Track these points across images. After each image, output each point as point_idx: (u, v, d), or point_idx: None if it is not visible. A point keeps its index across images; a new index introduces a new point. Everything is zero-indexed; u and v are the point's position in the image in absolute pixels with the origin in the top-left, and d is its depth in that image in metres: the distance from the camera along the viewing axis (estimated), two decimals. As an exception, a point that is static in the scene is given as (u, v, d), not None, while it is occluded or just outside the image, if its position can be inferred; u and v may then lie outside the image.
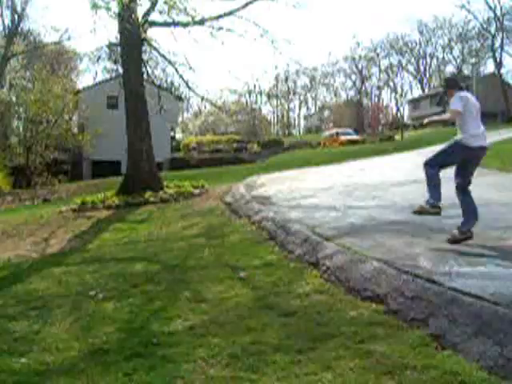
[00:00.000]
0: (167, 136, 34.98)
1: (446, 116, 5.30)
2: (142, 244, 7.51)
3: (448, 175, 5.36)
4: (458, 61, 68.01)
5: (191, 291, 4.79)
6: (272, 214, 7.45)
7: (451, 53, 69.66)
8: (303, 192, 10.02)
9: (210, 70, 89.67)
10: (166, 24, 13.62)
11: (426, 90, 71.42)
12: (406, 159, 19.01)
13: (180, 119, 59.37)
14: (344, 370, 2.89)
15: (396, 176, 12.20)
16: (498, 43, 55.14)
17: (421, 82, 74.34)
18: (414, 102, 67.29)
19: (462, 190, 5.15)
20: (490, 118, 48.91)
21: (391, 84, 75.38)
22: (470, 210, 5.01)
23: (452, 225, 5.68)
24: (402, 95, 75.52)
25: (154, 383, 3.06)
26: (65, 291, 5.36)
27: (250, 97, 74.43)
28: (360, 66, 72.26)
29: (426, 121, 5.96)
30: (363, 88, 72.77)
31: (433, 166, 5.27)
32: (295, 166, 19.85)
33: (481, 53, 61.57)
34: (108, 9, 12.19)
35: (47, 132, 28.14)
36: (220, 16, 13.55)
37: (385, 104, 69.73)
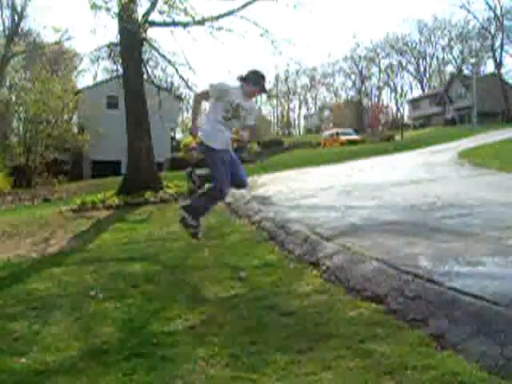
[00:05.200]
0: (167, 136, 34.99)
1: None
2: (141, 244, 7.51)
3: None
4: (458, 61, 68.15)
5: (191, 291, 4.80)
6: (272, 214, 7.46)
7: (451, 53, 69.82)
8: (303, 192, 10.03)
9: (209, 70, 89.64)
10: (165, 24, 13.64)
11: (426, 90, 71.46)
12: (406, 159, 19.04)
13: (180, 119, 59.36)
14: (344, 370, 2.89)
15: (396, 176, 12.21)
16: (498, 43, 55.23)
17: (421, 82, 74.40)
18: (414, 102, 67.33)
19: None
20: (490, 117, 49.06)
21: (391, 84, 75.45)
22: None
23: (452, 225, 5.69)
24: (402, 95, 75.66)
25: (154, 383, 3.06)
26: (65, 291, 5.36)
27: (249, 97, 74.31)
28: (360, 66, 72.34)
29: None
30: (363, 88, 72.83)
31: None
32: (295, 166, 19.87)
33: (481, 53, 61.62)
34: (108, 9, 12.22)
35: (47, 132, 28.15)
36: (220, 16, 13.56)
37: (385, 104, 69.80)
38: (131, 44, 13.18)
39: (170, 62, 14.62)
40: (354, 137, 40.48)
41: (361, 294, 4.02)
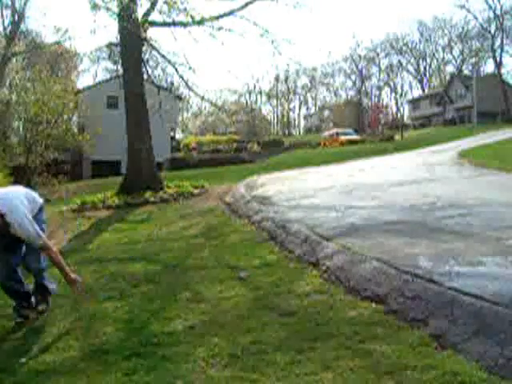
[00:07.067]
0: (167, 136, 34.98)
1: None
2: (141, 244, 7.51)
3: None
4: (458, 61, 68.16)
5: (191, 291, 4.79)
6: (272, 213, 7.46)
7: (451, 53, 69.80)
8: (303, 192, 10.02)
9: (210, 69, 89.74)
10: (165, 24, 13.63)
11: (426, 90, 71.48)
12: (406, 159, 19.04)
13: (180, 119, 59.38)
14: (344, 370, 2.89)
15: (396, 176, 12.21)
16: (498, 43, 55.22)
17: (421, 81, 74.43)
18: (414, 102, 67.33)
19: None
20: (489, 117, 49.05)
21: (391, 84, 75.45)
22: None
23: (452, 225, 5.69)
24: (402, 95, 75.69)
25: (154, 383, 3.06)
26: (65, 291, 5.35)
27: (249, 97, 74.58)
28: (360, 66, 72.34)
29: None
30: (363, 88, 72.81)
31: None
32: (295, 166, 19.88)
33: (481, 53, 61.62)
34: (108, 9, 12.21)
35: (47, 132, 28.07)
36: (220, 16, 13.56)
37: (385, 104, 69.77)
38: (131, 44, 13.18)
39: (170, 61, 14.62)
40: (354, 137, 40.51)
41: (361, 294, 4.02)
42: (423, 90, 72.56)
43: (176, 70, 14.43)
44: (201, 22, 13.23)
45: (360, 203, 7.93)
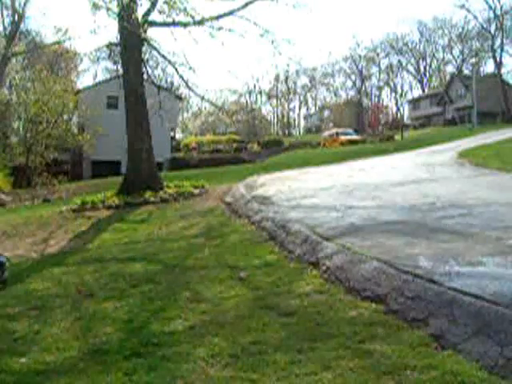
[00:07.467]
0: (167, 136, 34.97)
1: None
2: (141, 244, 7.52)
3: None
4: (458, 61, 68.06)
5: (191, 291, 4.80)
6: (272, 214, 7.46)
7: (451, 53, 69.71)
8: (303, 192, 10.02)
9: (210, 69, 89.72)
10: (165, 24, 13.63)
11: (426, 90, 71.44)
12: (406, 159, 19.02)
13: (180, 119, 59.37)
14: (344, 370, 2.89)
15: (396, 176, 12.20)
16: (498, 43, 55.15)
17: (421, 81, 74.36)
18: (414, 102, 67.31)
19: None
20: (489, 117, 49.02)
21: (391, 84, 75.40)
22: None
23: (452, 225, 5.69)
24: (402, 95, 75.58)
25: (154, 383, 3.06)
26: (65, 291, 5.36)
27: (249, 97, 74.50)
28: (360, 66, 72.30)
29: None
30: (363, 88, 72.77)
31: None
32: (295, 166, 19.86)
33: (481, 53, 61.55)
34: (108, 9, 12.22)
35: (47, 132, 28.10)
36: (220, 16, 13.56)
37: (385, 104, 69.78)
38: (131, 44, 13.18)
39: (170, 61, 14.62)
40: (354, 137, 40.50)
41: (361, 294, 4.02)
42: (423, 90, 72.51)
43: (176, 70, 14.43)
44: (201, 22, 13.23)
45: (360, 203, 7.93)
